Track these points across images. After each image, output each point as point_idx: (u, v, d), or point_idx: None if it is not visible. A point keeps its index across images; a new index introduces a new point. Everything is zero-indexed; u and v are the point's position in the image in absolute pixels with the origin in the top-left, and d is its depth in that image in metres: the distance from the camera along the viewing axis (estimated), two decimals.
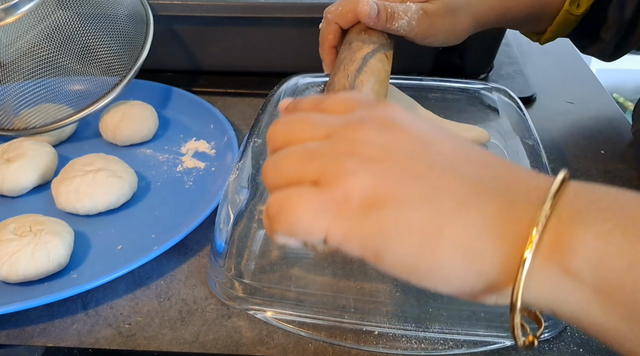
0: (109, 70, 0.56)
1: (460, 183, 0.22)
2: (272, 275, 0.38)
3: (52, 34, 0.52)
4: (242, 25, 0.64)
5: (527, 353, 0.36)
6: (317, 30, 0.48)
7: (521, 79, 0.67)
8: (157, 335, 0.37)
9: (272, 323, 0.37)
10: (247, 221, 0.38)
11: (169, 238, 0.42)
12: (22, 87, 0.54)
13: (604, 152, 0.55)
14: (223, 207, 0.39)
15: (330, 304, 0.37)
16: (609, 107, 0.63)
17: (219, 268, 0.39)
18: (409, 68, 0.62)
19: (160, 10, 0.61)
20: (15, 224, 0.41)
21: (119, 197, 0.47)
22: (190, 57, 0.68)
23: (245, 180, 0.40)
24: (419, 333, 0.36)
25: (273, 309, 0.38)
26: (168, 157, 0.55)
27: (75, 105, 0.55)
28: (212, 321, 0.38)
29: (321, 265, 0.37)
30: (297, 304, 0.37)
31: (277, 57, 0.67)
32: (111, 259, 0.42)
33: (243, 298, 0.38)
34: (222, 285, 0.39)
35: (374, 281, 0.37)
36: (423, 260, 0.22)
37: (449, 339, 0.36)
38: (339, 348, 0.36)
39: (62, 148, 0.56)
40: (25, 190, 0.50)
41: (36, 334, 0.38)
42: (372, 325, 0.36)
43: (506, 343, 0.36)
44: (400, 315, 0.36)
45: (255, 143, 0.43)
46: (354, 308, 0.37)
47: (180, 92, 0.63)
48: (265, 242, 0.38)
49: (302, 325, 0.37)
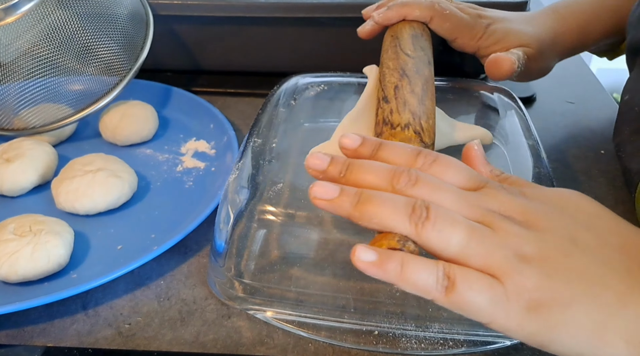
0: (108, 70, 0.56)
1: (615, 276, 0.25)
2: (272, 275, 0.38)
3: (51, 33, 0.52)
4: (242, 25, 0.64)
5: (528, 354, 0.36)
6: (316, 30, 0.48)
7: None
8: (157, 335, 0.37)
9: (272, 323, 0.37)
10: (247, 221, 0.38)
11: (168, 238, 0.42)
12: (22, 87, 0.54)
13: (604, 152, 0.55)
14: (223, 207, 0.39)
15: (330, 304, 0.37)
16: (609, 107, 0.63)
17: (218, 268, 0.39)
18: None
19: (159, 10, 0.61)
20: (14, 224, 0.41)
21: (118, 197, 0.47)
22: (190, 57, 0.68)
23: (245, 180, 0.40)
24: (419, 333, 0.36)
25: (273, 309, 0.38)
26: (168, 157, 0.55)
27: (75, 105, 0.55)
28: (212, 321, 0.38)
29: (321, 265, 0.37)
30: (297, 304, 0.37)
31: (277, 56, 0.67)
32: (111, 259, 0.42)
33: (243, 298, 0.38)
34: (222, 285, 0.39)
35: (373, 282, 0.37)
36: (590, 352, 0.24)
37: (449, 339, 0.36)
38: (339, 348, 0.36)
39: (62, 148, 0.56)
40: (24, 190, 0.50)
41: (36, 334, 0.38)
42: (372, 325, 0.36)
43: (506, 343, 0.36)
44: (400, 314, 0.36)
45: (255, 143, 0.43)
46: (354, 308, 0.37)
47: (180, 92, 0.63)
48: (265, 242, 0.38)
49: (302, 325, 0.37)
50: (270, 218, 0.37)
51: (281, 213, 0.37)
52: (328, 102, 0.49)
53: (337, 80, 0.53)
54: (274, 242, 0.38)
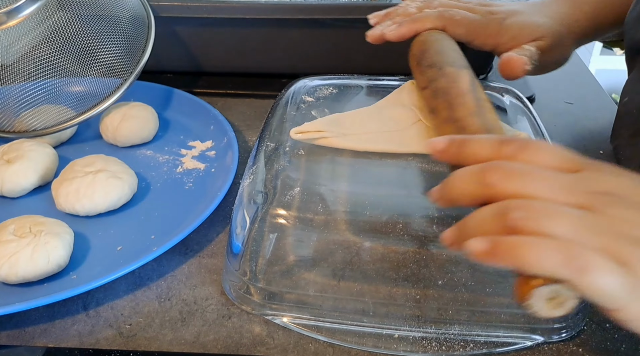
0: (110, 72, 0.56)
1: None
2: (289, 279, 0.38)
3: (53, 35, 0.52)
4: (242, 27, 0.64)
5: (548, 354, 0.36)
6: (316, 32, 0.48)
7: (520, 80, 0.66)
8: (157, 335, 0.37)
9: (290, 328, 0.37)
10: (263, 225, 0.38)
11: (169, 239, 0.42)
12: (23, 89, 0.54)
13: (602, 152, 0.55)
14: (238, 211, 0.39)
15: (349, 308, 0.37)
16: (608, 108, 0.63)
17: (234, 272, 0.39)
18: (408, 69, 0.62)
19: (160, 12, 0.61)
20: (15, 225, 0.41)
21: (118, 198, 0.47)
22: (190, 59, 0.68)
23: (260, 184, 0.40)
24: (439, 335, 0.36)
25: (291, 314, 0.38)
26: (168, 158, 0.55)
27: (77, 107, 0.55)
28: (212, 321, 0.38)
29: (337, 269, 0.37)
30: (315, 308, 0.37)
31: (277, 58, 0.67)
32: (111, 260, 0.42)
33: (260, 303, 0.38)
34: (237, 290, 0.39)
35: (390, 285, 0.37)
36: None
37: (469, 340, 0.36)
38: (339, 348, 0.36)
39: (63, 150, 0.56)
40: (25, 191, 0.50)
41: (37, 335, 0.38)
42: (391, 328, 0.36)
43: (527, 344, 0.36)
44: (420, 317, 0.36)
45: (267, 148, 0.43)
46: (373, 312, 0.37)
47: (181, 93, 0.63)
48: (281, 246, 0.38)
49: (320, 329, 0.37)
50: (287, 222, 0.37)
51: (297, 217, 0.37)
52: (337, 104, 0.49)
53: (345, 82, 0.53)
54: (290, 245, 0.39)
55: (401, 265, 0.36)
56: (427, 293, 0.37)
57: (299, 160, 0.43)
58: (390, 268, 0.37)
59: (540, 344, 0.36)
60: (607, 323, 0.37)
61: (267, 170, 0.41)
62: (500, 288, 0.36)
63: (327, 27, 0.62)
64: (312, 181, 0.40)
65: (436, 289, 0.36)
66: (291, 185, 0.39)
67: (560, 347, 0.36)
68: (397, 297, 0.37)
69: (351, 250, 0.37)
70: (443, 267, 0.36)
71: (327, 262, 0.38)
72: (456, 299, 0.36)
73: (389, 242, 0.36)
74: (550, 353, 0.36)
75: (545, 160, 0.27)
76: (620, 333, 0.37)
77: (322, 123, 0.44)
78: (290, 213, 0.37)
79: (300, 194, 0.39)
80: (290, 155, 0.43)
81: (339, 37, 0.63)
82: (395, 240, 0.36)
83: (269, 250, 0.38)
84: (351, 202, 0.39)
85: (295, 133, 0.43)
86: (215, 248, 0.45)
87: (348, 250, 0.37)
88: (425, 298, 0.36)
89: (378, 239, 0.36)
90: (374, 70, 0.56)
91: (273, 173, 0.41)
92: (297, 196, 0.38)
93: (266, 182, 0.40)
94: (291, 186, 0.39)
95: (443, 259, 0.36)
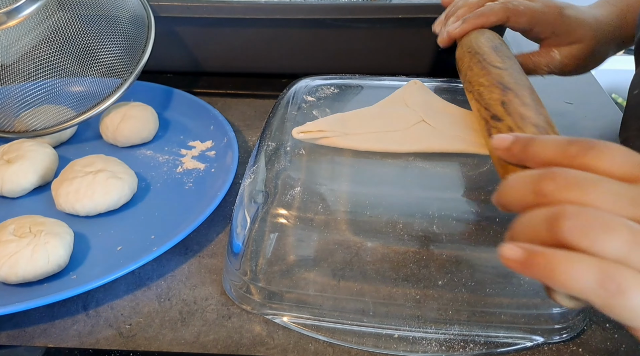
0: (110, 72, 0.56)
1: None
2: (289, 279, 0.38)
3: (53, 36, 0.52)
4: (242, 27, 0.64)
5: (547, 355, 0.36)
6: (317, 32, 0.48)
7: None
8: (157, 335, 0.37)
9: (290, 327, 0.37)
10: (264, 225, 0.38)
11: (168, 239, 0.42)
12: (23, 89, 0.54)
13: None
14: (239, 210, 0.39)
15: (349, 308, 0.37)
16: (607, 108, 0.63)
17: (234, 272, 0.39)
18: (409, 68, 0.62)
19: (160, 12, 0.62)
20: (14, 225, 0.41)
21: (118, 198, 0.47)
22: (190, 59, 0.68)
23: (261, 184, 0.40)
24: (439, 335, 0.36)
25: (291, 314, 0.38)
26: (168, 158, 0.55)
27: (77, 107, 0.55)
28: (212, 321, 0.38)
29: (338, 269, 0.37)
30: (315, 308, 0.37)
31: (277, 58, 0.67)
32: (111, 260, 0.42)
33: (260, 302, 0.38)
34: (238, 289, 0.39)
35: (390, 285, 0.37)
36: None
37: (469, 341, 0.36)
38: (339, 347, 0.36)
39: (63, 150, 0.56)
40: (25, 191, 0.50)
41: (37, 335, 0.38)
42: (391, 328, 0.36)
43: (527, 344, 0.36)
44: (420, 317, 0.36)
45: (268, 147, 0.43)
46: (373, 312, 0.37)
47: (181, 94, 0.63)
48: (282, 245, 0.38)
49: (320, 329, 0.37)
50: (287, 222, 0.37)
51: (297, 216, 0.37)
52: (339, 104, 0.49)
53: (347, 82, 0.53)
54: (290, 245, 0.39)
55: (401, 265, 0.36)
56: (427, 293, 0.37)
57: (300, 159, 0.43)
58: (390, 268, 0.37)
59: (541, 344, 0.36)
60: (607, 323, 0.38)
61: (267, 169, 0.41)
62: (500, 288, 0.36)
63: (327, 27, 0.62)
64: (313, 181, 0.40)
65: (436, 289, 0.36)
66: (292, 184, 0.39)
67: (561, 347, 0.36)
68: (397, 297, 0.37)
69: (351, 250, 0.37)
70: (443, 266, 0.36)
71: (328, 261, 0.38)
72: (456, 299, 0.36)
73: (389, 242, 0.36)
74: (551, 353, 0.36)
75: (613, 164, 0.25)
76: (620, 333, 0.37)
77: (324, 122, 0.44)
78: (290, 212, 0.37)
79: (301, 194, 0.39)
80: (291, 155, 0.43)
81: (340, 37, 0.63)
82: (395, 240, 0.36)
83: (269, 250, 0.38)
84: (352, 201, 0.39)
85: (297, 133, 0.43)
86: (215, 248, 0.45)
87: (348, 250, 0.37)
88: (425, 298, 0.36)
89: (378, 239, 0.36)
90: (375, 70, 0.56)
91: (274, 173, 0.41)
92: (298, 196, 0.39)
93: (267, 182, 0.40)
94: (292, 186, 0.39)
95: (443, 259, 0.36)
